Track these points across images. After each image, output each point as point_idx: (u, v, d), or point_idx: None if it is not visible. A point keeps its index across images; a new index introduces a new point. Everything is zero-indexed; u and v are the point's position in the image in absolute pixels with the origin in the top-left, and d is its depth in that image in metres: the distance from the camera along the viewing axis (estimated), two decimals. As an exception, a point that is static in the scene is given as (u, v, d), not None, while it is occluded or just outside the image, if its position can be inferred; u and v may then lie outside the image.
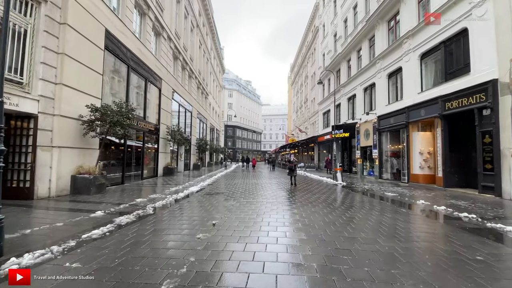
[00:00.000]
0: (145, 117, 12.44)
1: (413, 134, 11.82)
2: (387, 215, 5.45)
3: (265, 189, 9.53)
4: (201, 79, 25.56)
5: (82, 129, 7.56)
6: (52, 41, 6.96)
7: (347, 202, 7.08)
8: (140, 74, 11.96)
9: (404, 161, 12.40)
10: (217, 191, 8.97)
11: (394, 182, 12.73)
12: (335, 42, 22.41)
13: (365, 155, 16.61)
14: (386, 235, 3.94)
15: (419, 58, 11.66)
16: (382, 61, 14.39)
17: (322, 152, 26.66)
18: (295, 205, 6.35)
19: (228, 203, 6.48)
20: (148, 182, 11.29)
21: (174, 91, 16.61)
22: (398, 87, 13.38)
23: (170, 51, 15.96)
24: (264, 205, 6.31)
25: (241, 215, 5.21)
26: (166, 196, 7.32)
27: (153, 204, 6.07)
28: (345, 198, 7.86)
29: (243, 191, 8.96)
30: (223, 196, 7.76)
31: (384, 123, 13.95)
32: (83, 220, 4.69)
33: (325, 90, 25.08)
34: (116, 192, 8.07)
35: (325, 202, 6.85)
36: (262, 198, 7.32)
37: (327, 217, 5.10)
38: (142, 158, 12.21)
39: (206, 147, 24.24)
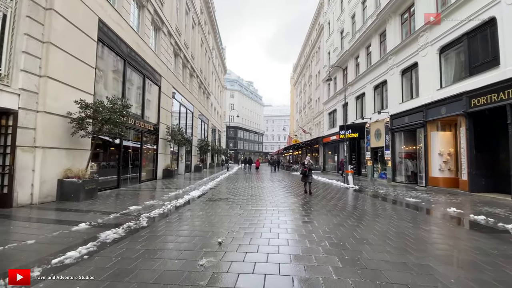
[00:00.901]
0: (143, 116, 11.65)
1: (431, 134, 10.95)
2: (424, 228, 4.59)
3: (273, 194, 8.68)
4: (203, 78, 24.81)
5: (71, 128, 6.76)
6: (36, 28, 6.18)
7: (369, 210, 6.22)
8: (138, 70, 11.19)
9: (421, 163, 11.53)
10: (220, 196, 8.14)
11: (409, 186, 11.84)
12: (341, 40, 21.59)
13: (375, 157, 15.74)
14: (442, 260, 3.10)
15: (438, 52, 10.82)
16: (395, 56, 13.55)
17: (327, 153, 25.80)
18: (312, 215, 5.50)
19: (234, 212, 5.64)
20: (146, 186, 10.47)
21: (174, 90, 15.83)
22: (413, 84, 12.52)
23: (170, 47, 15.20)
24: (276, 214, 5.46)
25: (251, 228, 4.37)
26: (164, 203, 6.50)
27: (148, 214, 5.25)
28: (364, 205, 6.99)
29: (249, 196, 8.12)
30: (228, 202, 6.92)
31: (397, 122, 13.09)
32: (61, 235, 3.87)
33: (331, 89, 24.24)
34: (110, 198, 7.25)
35: (345, 211, 5.99)
36: (271, 206, 6.47)
37: (356, 231, 4.25)
38: (140, 159, 11.40)
39: (207, 148, 23.44)
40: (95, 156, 8.77)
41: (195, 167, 21.11)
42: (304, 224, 4.67)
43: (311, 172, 8.92)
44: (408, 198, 8.11)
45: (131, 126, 10.29)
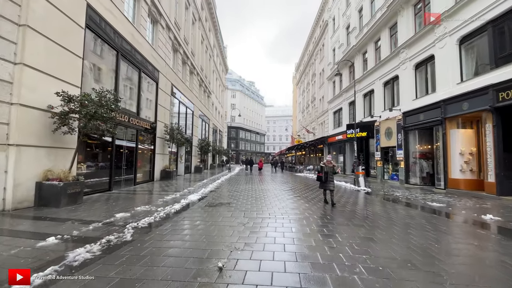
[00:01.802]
0: (138, 114, 10.84)
1: (451, 131, 10.07)
2: (472, 243, 3.73)
3: (280, 199, 7.83)
4: (203, 76, 24.03)
5: (52, 124, 5.96)
6: (11, 9, 5.40)
7: (394, 218, 5.36)
8: (133, 64, 10.39)
9: (439, 164, 10.64)
10: (221, 200, 7.30)
11: (425, 188, 10.96)
12: (347, 35, 20.75)
13: (386, 157, 14.85)
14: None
15: (458, 42, 9.95)
16: (408, 50, 12.68)
17: (332, 154, 24.88)
18: (330, 225, 4.63)
19: (237, 221, 4.80)
20: (141, 188, 9.66)
21: (173, 87, 15.04)
22: (429, 78, 11.65)
23: (169, 42, 14.43)
24: (287, 224, 4.61)
25: (259, 245, 3.52)
26: (157, 209, 5.67)
27: (136, 223, 4.42)
28: (386, 211, 6.13)
29: (253, 201, 7.28)
30: (229, 208, 6.07)
31: (411, 120, 12.21)
32: (20, 254, 3.05)
33: (336, 87, 23.38)
34: (96, 203, 6.43)
35: (368, 220, 5.12)
36: (280, 213, 5.62)
37: (392, 249, 3.40)
38: (135, 160, 10.60)
39: (208, 148, 22.63)
40: (84, 156, 8.00)
41: (196, 168, 20.30)
42: (325, 239, 3.82)
43: (331, 176, 6.78)
44: (430, 203, 7.26)
45: (126, 123, 9.50)
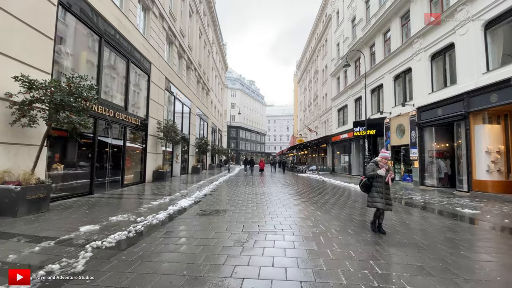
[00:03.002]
0: (126, 108, 9.78)
1: (475, 127, 8.99)
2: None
3: (286, 205, 6.77)
4: (202, 73, 22.97)
5: (11, 115, 4.91)
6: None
7: (429, 232, 4.29)
8: (120, 52, 9.34)
9: (461, 164, 9.56)
10: (216, 206, 6.23)
11: (445, 191, 9.88)
12: (353, 28, 19.68)
13: (397, 156, 13.78)
14: None
15: (483, 28, 8.87)
16: (422, 40, 11.61)
17: (336, 153, 23.81)
18: (360, 245, 3.57)
19: (234, 238, 3.72)
20: (128, 192, 8.60)
21: (168, 81, 13.99)
22: (447, 69, 10.57)
23: (163, 32, 13.37)
24: (299, 244, 3.55)
25: (262, 282, 2.45)
26: (136, 220, 4.61)
27: (100, 242, 3.36)
28: (413, 221, 5.07)
29: (254, 207, 6.21)
30: (225, 218, 5.00)
31: (427, 115, 11.13)
32: None
33: (340, 83, 22.32)
34: (66, 211, 5.37)
35: (400, 235, 4.06)
36: (287, 225, 4.56)
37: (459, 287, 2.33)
38: (123, 159, 9.54)
39: (206, 147, 21.55)
40: (62, 154, 6.99)
41: (193, 168, 19.23)
42: (360, 269, 2.75)
43: (387, 185, 4.07)
44: (461, 209, 6.22)
45: (111, 118, 8.44)
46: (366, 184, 4.14)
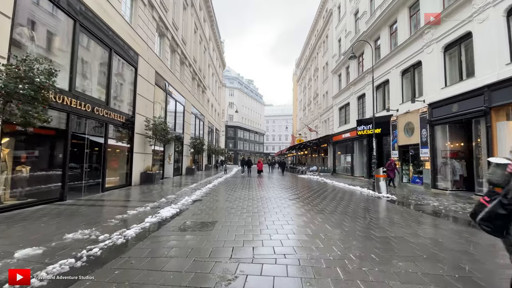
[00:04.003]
0: (108, 103, 8.76)
1: (498, 124, 8.04)
2: None
3: (286, 213, 5.79)
4: (197, 69, 21.96)
5: None
6: None
7: (479, 256, 3.32)
8: (100, 40, 8.32)
9: (480, 165, 8.63)
10: (205, 217, 5.24)
11: (461, 195, 8.96)
12: (355, 22, 18.75)
13: (404, 157, 12.84)
14: None
15: (505, 14, 7.94)
16: (434, 30, 10.66)
17: (337, 153, 22.87)
18: (400, 282, 2.60)
19: (218, 271, 2.71)
20: (108, 197, 7.59)
21: (159, 76, 12.97)
22: (463, 60, 9.63)
23: (153, 22, 12.36)
24: (306, 278, 2.57)
25: None
26: (98, 237, 3.63)
27: (31, 277, 2.35)
28: (444, 237, 4.10)
29: (249, 218, 5.22)
30: (211, 236, 3.99)
31: (439, 112, 10.19)
32: None
33: (342, 80, 21.37)
34: (16, 224, 4.35)
35: (439, 260, 3.09)
36: (289, 244, 3.58)
37: None
38: (103, 160, 8.51)
39: (202, 147, 20.53)
40: (28, 154, 5.99)
41: (187, 169, 18.21)
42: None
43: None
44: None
45: (88, 114, 7.43)
46: (499, 215, 1.67)
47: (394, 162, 11.79)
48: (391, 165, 11.55)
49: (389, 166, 11.51)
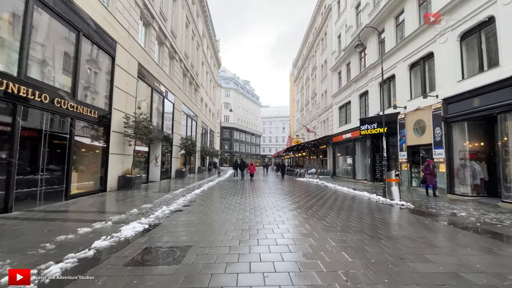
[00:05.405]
0: (75, 94, 7.42)
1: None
2: None
3: (286, 230, 4.53)
4: (189, 65, 20.68)
5: None
6: None
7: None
8: (64, 19, 7.00)
9: (508, 167, 7.48)
10: (178, 238, 3.94)
11: (484, 202, 7.81)
12: (357, 15, 17.70)
13: (414, 158, 11.70)
14: None
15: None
16: (449, 16, 9.57)
17: (337, 155, 21.71)
18: None
19: None
20: (68, 208, 6.25)
21: (143, 68, 11.65)
22: (484, 49, 8.54)
23: (136, 9, 11.07)
24: None
25: None
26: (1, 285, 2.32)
27: None
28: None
29: (236, 241, 3.94)
30: (176, 276, 2.71)
31: (456, 108, 9.07)
32: None
33: (342, 78, 20.28)
34: None
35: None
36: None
37: None
38: (68, 162, 7.15)
39: (193, 149, 19.18)
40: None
41: (177, 172, 16.84)
42: None
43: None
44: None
45: (48, 107, 6.09)
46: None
47: (432, 164, 9.34)
48: (428, 167, 9.09)
49: (427, 168, 9.11)
